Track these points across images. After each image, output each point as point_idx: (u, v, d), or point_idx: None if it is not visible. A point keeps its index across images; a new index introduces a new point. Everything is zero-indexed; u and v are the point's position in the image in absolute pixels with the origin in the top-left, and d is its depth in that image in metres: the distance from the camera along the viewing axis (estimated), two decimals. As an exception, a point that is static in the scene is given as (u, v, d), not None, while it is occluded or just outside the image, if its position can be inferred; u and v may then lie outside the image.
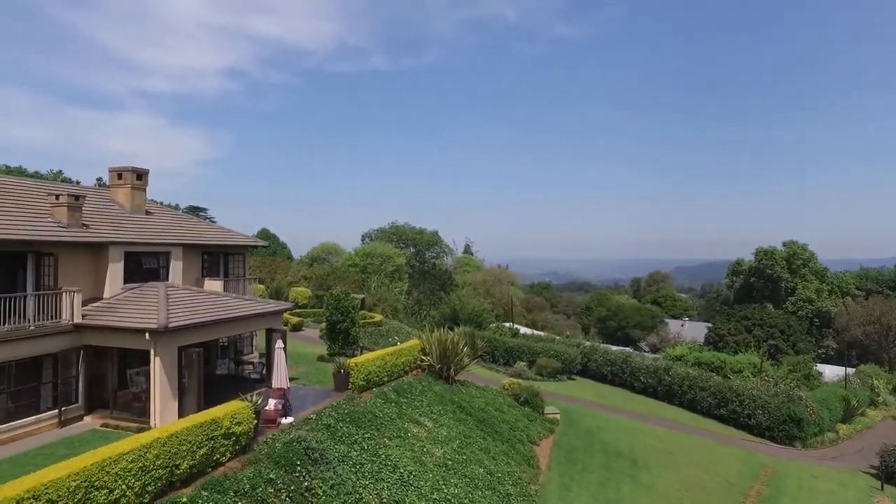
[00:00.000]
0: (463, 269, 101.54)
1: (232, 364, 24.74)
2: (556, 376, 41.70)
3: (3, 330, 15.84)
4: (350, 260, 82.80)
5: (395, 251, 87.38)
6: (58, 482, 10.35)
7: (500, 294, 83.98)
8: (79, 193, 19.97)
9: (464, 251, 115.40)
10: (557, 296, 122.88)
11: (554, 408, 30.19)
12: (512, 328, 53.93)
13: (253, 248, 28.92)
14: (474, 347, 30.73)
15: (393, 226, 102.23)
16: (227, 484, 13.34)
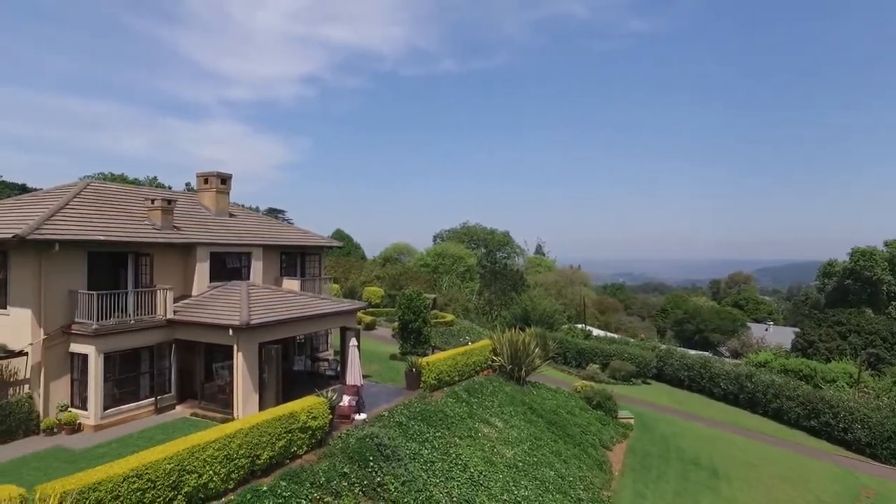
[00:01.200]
0: (534, 269, 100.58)
1: (308, 361, 25.65)
2: (630, 380, 40.58)
3: (109, 323, 17.24)
4: (422, 260, 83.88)
5: (467, 251, 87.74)
6: (156, 464, 11.20)
7: (571, 295, 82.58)
8: (170, 198, 21.37)
9: (535, 251, 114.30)
10: (631, 297, 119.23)
11: (628, 412, 29.39)
12: (584, 330, 52.90)
13: (328, 248, 29.89)
14: (546, 349, 30.41)
15: (464, 226, 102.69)
16: (303, 476, 13.89)
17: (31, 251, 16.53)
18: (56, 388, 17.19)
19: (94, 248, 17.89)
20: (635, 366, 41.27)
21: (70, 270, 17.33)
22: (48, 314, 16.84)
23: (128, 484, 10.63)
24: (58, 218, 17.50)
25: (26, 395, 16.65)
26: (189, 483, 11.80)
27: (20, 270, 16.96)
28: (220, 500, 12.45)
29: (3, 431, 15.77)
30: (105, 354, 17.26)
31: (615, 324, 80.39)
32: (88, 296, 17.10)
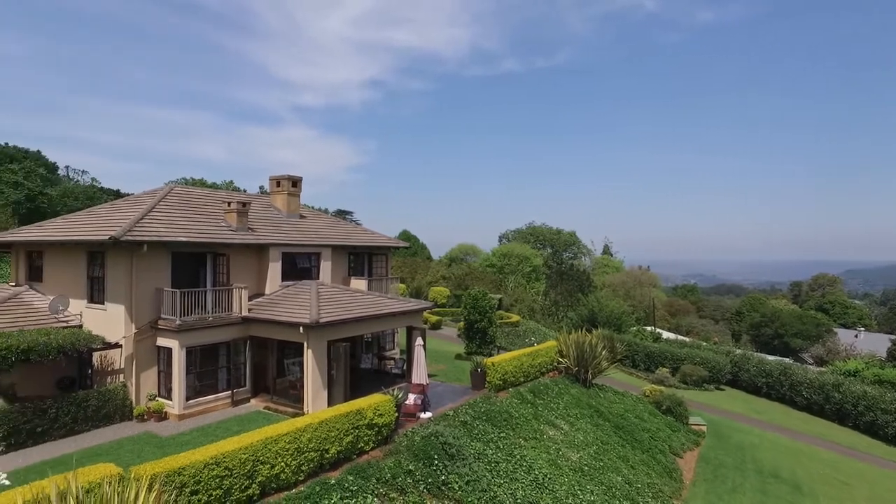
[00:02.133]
0: (601, 270, 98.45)
1: (375, 359, 26.21)
2: (702, 385, 38.99)
3: (191, 319, 18.31)
4: (487, 260, 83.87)
5: (533, 252, 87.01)
6: (233, 454, 11.81)
7: (640, 296, 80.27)
8: (245, 200, 22.41)
9: (602, 252, 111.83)
10: (703, 299, 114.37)
11: (699, 419, 28.29)
12: (653, 332, 51.31)
13: (395, 248, 30.44)
14: (613, 351, 29.74)
15: (530, 226, 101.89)
16: (370, 471, 14.23)
17: (124, 251, 17.80)
18: (146, 379, 18.43)
19: (178, 249, 19.03)
20: (708, 371, 39.62)
21: (156, 269, 18.52)
22: (138, 310, 18.08)
23: (208, 471, 11.28)
24: (146, 221, 18.75)
25: (121, 384, 17.96)
26: (263, 473, 12.36)
27: (115, 269, 18.29)
28: (291, 490, 12.95)
29: (103, 415, 17.12)
30: (187, 348, 18.33)
31: (686, 327, 77.41)
32: (172, 293, 18.22)
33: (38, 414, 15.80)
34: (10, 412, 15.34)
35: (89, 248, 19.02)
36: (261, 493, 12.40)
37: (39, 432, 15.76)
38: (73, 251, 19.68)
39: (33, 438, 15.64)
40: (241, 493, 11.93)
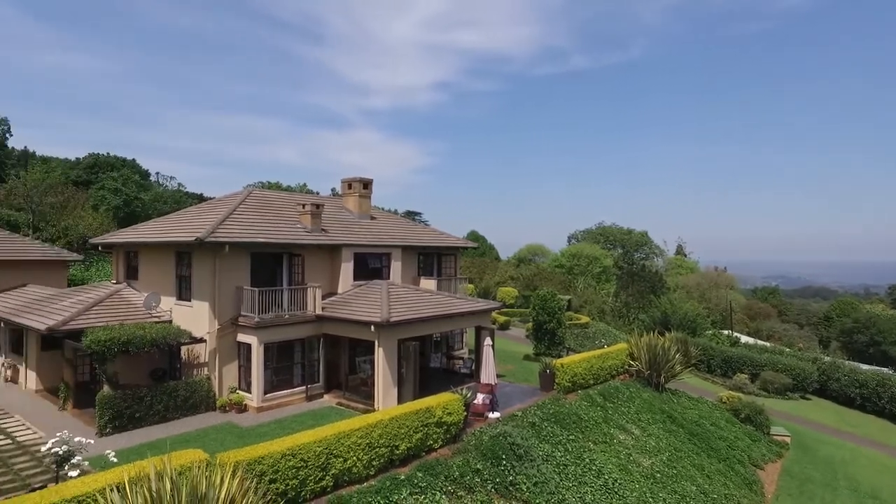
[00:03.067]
0: (674, 271, 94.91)
1: (444, 358, 26.50)
2: (786, 394, 36.87)
3: (268, 317, 19.22)
4: (556, 261, 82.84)
5: (602, 252, 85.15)
6: (307, 446, 12.34)
7: (716, 298, 76.77)
8: (318, 202, 23.24)
9: (675, 252, 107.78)
10: (786, 302, 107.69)
11: (782, 429, 26.81)
12: (731, 336, 49.03)
13: (463, 249, 30.67)
14: (687, 355, 28.68)
15: (600, 227, 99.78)
16: (438, 468, 14.45)
17: (208, 252, 18.91)
18: (227, 372, 19.50)
19: (256, 249, 20.01)
20: (792, 378, 37.42)
21: (237, 269, 19.56)
22: (221, 307, 19.16)
23: (285, 461, 11.85)
24: (228, 223, 19.84)
25: (206, 377, 19.11)
26: (335, 466, 12.83)
27: (200, 269, 19.47)
28: (363, 484, 13.36)
29: (190, 405, 18.30)
30: (265, 345, 19.24)
31: (767, 331, 73.33)
32: (251, 291, 19.18)
33: (136, 401, 17.14)
34: (115, 398, 16.73)
35: (177, 248, 20.33)
36: (334, 486, 12.87)
37: (137, 417, 17.09)
38: (164, 251, 21.10)
39: (133, 423, 16.98)
40: (316, 485, 12.44)
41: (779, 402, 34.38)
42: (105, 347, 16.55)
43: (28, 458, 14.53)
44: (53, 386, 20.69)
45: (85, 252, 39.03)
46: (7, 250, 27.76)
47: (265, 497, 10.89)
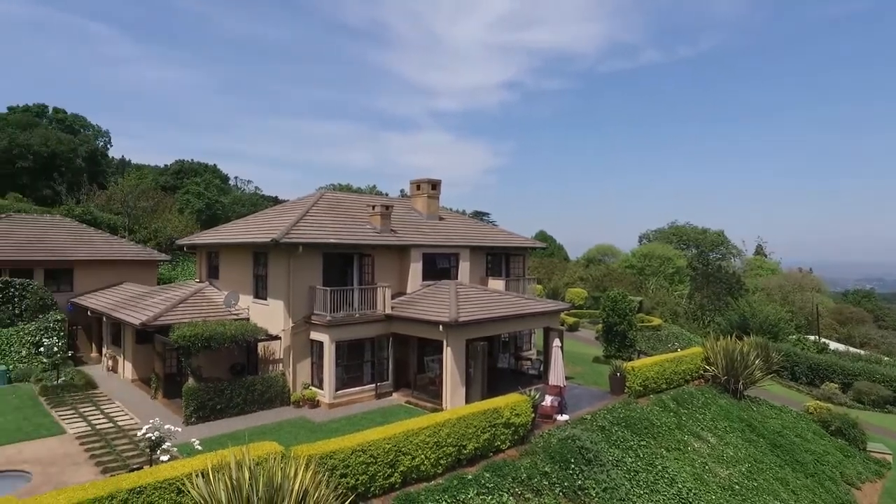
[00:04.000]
0: (754, 272, 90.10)
1: (512, 359, 26.38)
2: (885, 406, 34.14)
3: (339, 316, 19.80)
4: (627, 261, 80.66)
5: (676, 252, 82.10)
6: (377, 443, 12.63)
7: (801, 302, 72.21)
8: (388, 204, 23.70)
9: (755, 252, 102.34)
10: (883, 307, 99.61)
11: (882, 446, 24.88)
12: (818, 342, 46.03)
13: (532, 249, 30.43)
14: (768, 361, 27.20)
15: (672, 226, 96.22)
16: (506, 469, 14.41)
17: (283, 252, 19.70)
18: (301, 369, 20.24)
19: (328, 250, 20.65)
20: (892, 390, 34.64)
21: (310, 269, 20.25)
22: (295, 305, 19.91)
23: (355, 456, 12.17)
24: (301, 224, 20.58)
25: (280, 373, 19.93)
26: (404, 463, 13.05)
27: (275, 268, 20.32)
28: (430, 482, 13.52)
29: (266, 399, 19.15)
30: (336, 343, 19.81)
31: (860, 338, 68.23)
32: (324, 291, 19.81)
33: (217, 393, 18.12)
34: (199, 390, 17.76)
35: (254, 249, 21.30)
36: (402, 482, 13.10)
37: (218, 409, 18.06)
38: (242, 252, 22.16)
39: (214, 414, 17.96)
40: (384, 481, 12.70)
41: (876, 416, 31.91)
42: (190, 342, 17.60)
43: (126, 440, 15.69)
44: (146, 376, 22.23)
45: (172, 252, 41.62)
46: (109, 251, 30.31)
47: (336, 491, 11.22)
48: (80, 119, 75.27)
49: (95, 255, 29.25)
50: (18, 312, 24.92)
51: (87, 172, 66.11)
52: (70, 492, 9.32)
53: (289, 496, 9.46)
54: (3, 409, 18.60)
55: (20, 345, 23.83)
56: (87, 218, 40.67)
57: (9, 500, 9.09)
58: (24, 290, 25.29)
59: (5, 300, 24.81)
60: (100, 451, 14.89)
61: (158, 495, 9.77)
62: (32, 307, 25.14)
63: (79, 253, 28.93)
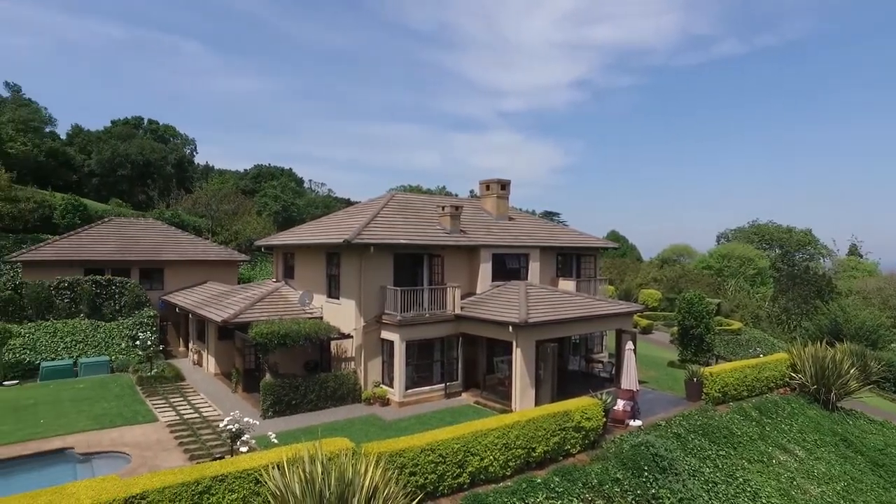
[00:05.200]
0: (847, 273, 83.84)
1: (582, 361, 25.86)
2: None
3: (409, 315, 20.08)
4: (703, 262, 77.29)
5: (757, 252, 77.85)
6: (446, 443, 12.70)
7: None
8: (457, 204, 23.80)
9: (848, 253, 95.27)
10: None
11: None
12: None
13: (603, 249, 29.74)
14: (866, 370, 25.23)
15: (754, 225, 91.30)
16: (576, 474, 14.12)
17: (355, 253, 20.20)
18: (371, 367, 20.68)
19: (398, 250, 20.98)
20: None
21: (381, 269, 20.65)
22: (366, 305, 20.36)
23: (424, 455, 12.29)
24: (372, 225, 21.03)
25: (352, 371, 20.45)
26: (472, 464, 13.06)
27: (347, 269, 20.87)
28: (499, 484, 13.45)
29: (338, 397, 19.70)
30: (406, 342, 20.09)
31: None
32: (394, 291, 20.15)
33: (292, 389, 18.82)
34: (276, 385, 18.52)
35: (327, 249, 21.96)
36: (470, 483, 13.11)
37: (293, 404, 18.75)
38: (316, 252, 22.90)
39: (290, 409, 18.66)
40: (453, 480, 12.75)
41: None
42: (267, 339, 18.37)
43: (210, 430, 16.60)
44: (227, 371, 23.42)
45: (251, 253, 43.66)
46: (194, 252, 32.29)
47: (405, 489, 11.38)
48: (171, 129, 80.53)
49: (183, 256, 31.23)
50: (118, 308, 26.96)
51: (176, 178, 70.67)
52: (162, 475, 9.97)
53: (359, 492, 9.67)
54: (106, 395, 20.23)
55: (120, 338, 25.77)
56: (175, 221, 43.44)
57: (113, 479, 9.85)
58: (123, 288, 27.32)
59: (108, 297, 26.90)
60: (187, 439, 15.83)
61: (238, 484, 10.26)
62: (130, 303, 27.11)
63: (169, 253, 30.97)
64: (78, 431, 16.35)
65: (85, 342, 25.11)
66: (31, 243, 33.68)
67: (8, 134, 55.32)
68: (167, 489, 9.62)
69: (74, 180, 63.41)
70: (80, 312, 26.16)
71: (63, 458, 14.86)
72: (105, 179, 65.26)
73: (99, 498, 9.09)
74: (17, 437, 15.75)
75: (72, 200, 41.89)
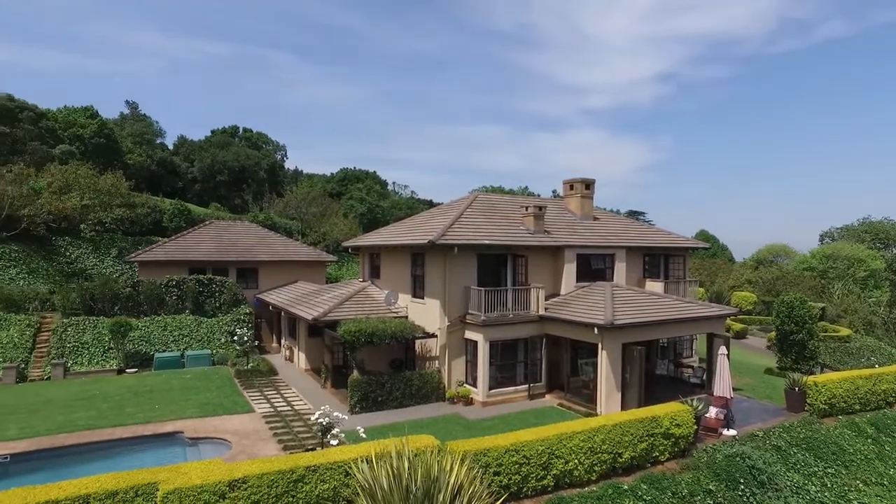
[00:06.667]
0: (982, 276, 75.17)
1: (671, 365, 24.88)
2: None
3: (493, 316, 20.13)
4: (805, 263, 71.90)
5: (869, 253, 71.35)
6: (530, 444, 12.64)
7: None
8: (541, 204, 23.58)
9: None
10: None
11: None
12: None
13: (693, 249, 28.45)
14: None
15: (865, 222, 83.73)
16: (664, 483, 13.61)
17: (439, 253, 20.50)
18: (455, 367, 20.90)
19: (482, 251, 21.07)
20: None
21: (465, 269, 20.82)
22: (450, 305, 20.60)
23: (508, 456, 12.29)
24: (456, 226, 21.25)
25: (436, 370, 20.77)
26: (557, 466, 12.90)
27: (432, 269, 21.22)
28: (584, 489, 13.21)
29: (423, 395, 20.08)
30: (490, 342, 20.14)
31: None
32: (478, 291, 20.25)
33: (379, 386, 19.39)
34: (363, 382, 19.16)
35: (412, 250, 22.41)
36: (554, 486, 12.96)
37: (379, 401, 19.31)
38: (401, 253, 23.44)
39: (376, 405, 19.24)
40: (537, 483, 12.66)
41: None
42: (354, 337, 19.02)
43: (301, 423, 17.43)
44: (317, 367, 24.47)
45: (338, 253, 45.32)
46: (285, 253, 34.05)
47: (489, 488, 11.43)
48: (263, 136, 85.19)
49: (275, 257, 32.98)
50: (218, 305, 28.87)
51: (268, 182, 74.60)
52: (260, 463, 10.61)
53: (444, 489, 9.83)
54: (209, 386, 21.80)
55: (219, 333, 27.60)
56: (268, 223, 45.89)
57: (218, 462, 10.63)
58: (223, 287, 29.22)
59: (209, 294, 28.88)
60: (280, 430, 16.70)
61: (329, 475, 10.72)
62: (228, 301, 28.96)
63: (262, 254, 32.81)
64: (186, 417, 17.74)
65: (190, 336, 27.10)
66: (144, 245, 36.78)
67: (127, 146, 60.79)
68: (265, 475, 10.23)
69: (180, 186, 68.52)
70: (185, 309, 28.25)
71: (174, 441, 16.24)
72: (205, 185, 70.06)
73: (207, 479, 9.84)
74: (139, 420, 17.50)
75: (178, 205, 45.29)
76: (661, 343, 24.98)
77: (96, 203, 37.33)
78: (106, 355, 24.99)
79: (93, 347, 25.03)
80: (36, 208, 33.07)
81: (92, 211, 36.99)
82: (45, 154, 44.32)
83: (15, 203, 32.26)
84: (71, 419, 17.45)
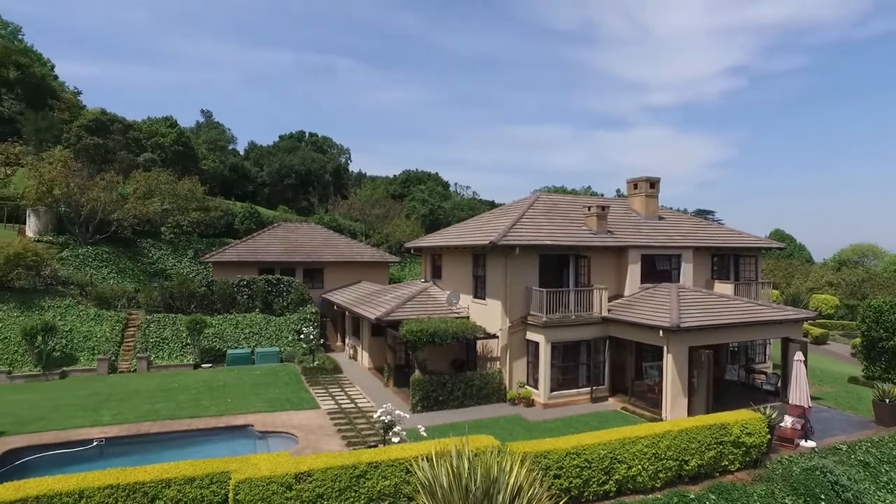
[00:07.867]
0: None
1: (741, 371, 23.80)
2: None
3: (555, 317, 19.94)
4: (895, 264, 66.96)
5: (973, 253, 65.69)
6: (592, 448, 12.46)
7: None
8: (604, 204, 23.13)
9: None
10: None
11: None
12: None
13: (766, 249, 27.12)
14: None
15: (966, 219, 77.02)
16: (735, 494, 13.08)
17: (500, 254, 20.49)
18: (516, 368, 20.83)
19: (544, 251, 20.90)
20: None
21: (526, 270, 20.71)
22: (511, 306, 20.55)
23: (569, 458, 12.16)
24: (517, 227, 21.17)
25: (497, 370, 20.77)
26: (619, 471, 12.65)
27: (493, 270, 21.23)
28: (647, 495, 12.87)
29: (484, 395, 20.13)
30: (552, 344, 19.95)
31: None
32: (540, 292, 20.10)
33: (440, 385, 19.58)
34: (424, 381, 19.42)
35: (474, 251, 22.50)
36: (617, 491, 12.71)
37: (441, 401, 19.50)
38: (462, 253, 23.57)
39: (437, 405, 19.44)
40: (598, 487, 12.46)
41: None
42: (416, 337, 19.30)
43: (364, 420, 17.86)
44: (379, 365, 24.97)
45: (400, 254, 46.00)
46: (350, 253, 34.95)
47: (549, 490, 11.34)
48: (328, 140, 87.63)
49: (340, 257, 33.91)
50: (286, 304, 29.97)
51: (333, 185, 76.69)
52: (325, 457, 11.00)
53: (504, 489, 9.83)
54: (277, 382, 22.70)
55: (287, 331, 28.65)
56: (332, 225, 47.21)
57: (286, 455, 11.13)
58: (290, 286, 30.32)
59: (277, 294, 30.04)
60: (344, 427, 17.18)
61: (391, 472, 10.96)
62: (295, 300, 30.01)
63: (327, 255, 33.82)
64: (256, 412, 18.55)
65: (259, 334, 28.28)
66: (218, 246, 38.66)
67: (202, 153, 64.16)
68: (329, 470, 10.59)
69: (250, 190, 71.60)
70: (255, 307, 29.50)
71: (246, 434, 17.04)
72: (274, 188, 72.87)
73: (275, 470, 10.32)
74: (213, 412, 18.48)
75: (248, 208, 47.33)
76: (731, 347, 23.95)
77: (175, 207, 39.60)
78: (184, 350, 26.49)
79: (172, 343, 26.58)
80: (123, 213, 35.45)
81: (171, 214, 39.30)
82: (131, 162, 47.49)
83: (107, 208, 34.71)
84: (154, 409, 18.69)
